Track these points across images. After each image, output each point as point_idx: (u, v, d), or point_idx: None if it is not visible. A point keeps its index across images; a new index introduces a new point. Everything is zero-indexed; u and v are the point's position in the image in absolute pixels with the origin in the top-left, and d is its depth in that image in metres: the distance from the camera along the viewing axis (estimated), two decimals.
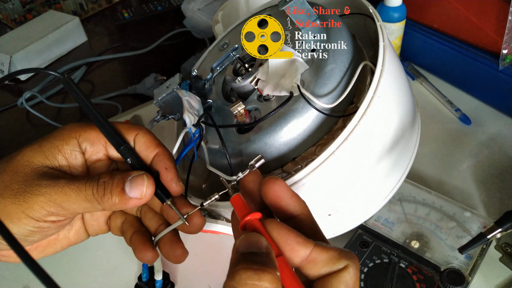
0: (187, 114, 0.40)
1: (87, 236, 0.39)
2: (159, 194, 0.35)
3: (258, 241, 0.26)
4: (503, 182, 0.55)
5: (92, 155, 0.36)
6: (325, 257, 0.27)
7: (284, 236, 0.27)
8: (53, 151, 0.34)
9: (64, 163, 0.35)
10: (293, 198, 0.30)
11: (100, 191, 0.33)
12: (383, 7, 0.64)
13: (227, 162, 0.38)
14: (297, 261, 0.27)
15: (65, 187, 0.32)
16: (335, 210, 0.40)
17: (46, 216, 0.32)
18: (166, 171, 0.35)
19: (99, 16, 1.10)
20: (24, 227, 0.32)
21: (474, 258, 0.45)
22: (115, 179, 0.33)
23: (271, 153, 0.39)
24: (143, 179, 0.33)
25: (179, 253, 0.36)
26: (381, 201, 0.43)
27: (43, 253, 0.37)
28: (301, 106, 0.38)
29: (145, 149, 0.36)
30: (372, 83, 0.36)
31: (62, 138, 0.35)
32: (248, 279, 0.24)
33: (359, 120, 0.35)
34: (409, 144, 0.44)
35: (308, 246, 0.27)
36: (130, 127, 0.36)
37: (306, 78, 0.39)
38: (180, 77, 0.43)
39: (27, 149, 0.34)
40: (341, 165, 0.36)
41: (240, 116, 0.39)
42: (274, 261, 0.26)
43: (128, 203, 0.33)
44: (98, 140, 0.36)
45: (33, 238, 0.34)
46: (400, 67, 0.43)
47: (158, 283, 0.47)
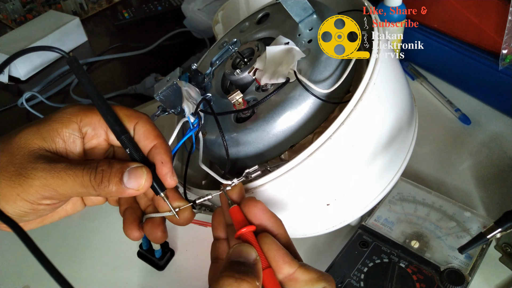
0: (186, 103, 0.40)
1: (84, 206, 0.40)
2: (154, 186, 0.36)
3: (248, 252, 0.30)
4: (503, 182, 0.55)
5: (93, 139, 0.36)
6: (306, 277, 0.30)
7: (273, 253, 0.30)
8: (51, 134, 0.34)
9: (61, 146, 0.35)
10: (271, 219, 0.33)
11: (98, 178, 0.33)
12: (383, 7, 0.64)
13: (225, 153, 0.39)
14: (280, 277, 0.30)
15: (62, 172, 0.32)
16: (333, 200, 0.40)
17: (40, 199, 0.33)
18: (162, 165, 0.36)
19: (99, 16, 1.10)
20: (19, 209, 0.33)
21: (474, 258, 0.45)
22: (114, 168, 0.34)
23: (269, 141, 0.39)
24: (142, 172, 0.34)
25: (160, 235, 0.38)
26: (380, 192, 0.43)
27: (42, 223, 0.38)
28: (298, 93, 0.38)
29: (143, 139, 0.36)
30: (367, 69, 0.37)
31: (62, 121, 0.35)
32: (229, 285, 0.28)
33: (355, 105, 0.36)
34: (407, 136, 0.44)
35: (293, 266, 0.30)
36: (131, 114, 0.36)
37: (303, 66, 0.40)
38: (180, 71, 0.44)
39: (24, 131, 0.34)
40: (338, 151, 0.36)
41: (238, 105, 0.40)
42: (258, 272, 0.29)
43: (124, 193, 0.34)
44: (100, 125, 0.36)
45: (28, 218, 0.34)
46: (395, 58, 0.44)
47: (157, 252, 0.50)
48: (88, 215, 0.58)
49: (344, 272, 0.45)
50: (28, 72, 0.89)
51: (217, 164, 0.47)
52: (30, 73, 0.90)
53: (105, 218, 0.56)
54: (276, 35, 0.43)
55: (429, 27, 0.69)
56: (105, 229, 0.56)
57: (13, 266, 0.54)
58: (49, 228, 0.57)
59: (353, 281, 0.44)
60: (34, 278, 0.52)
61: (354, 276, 0.45)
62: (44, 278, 0.52)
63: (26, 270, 0.53)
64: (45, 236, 0.56)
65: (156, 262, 0.51)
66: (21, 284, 0.52)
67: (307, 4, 0.43)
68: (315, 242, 0.51)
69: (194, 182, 0.49)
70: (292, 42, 0.40)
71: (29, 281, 0.52)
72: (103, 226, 0.56)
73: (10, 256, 0.55)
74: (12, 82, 0.89)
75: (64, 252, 0.55)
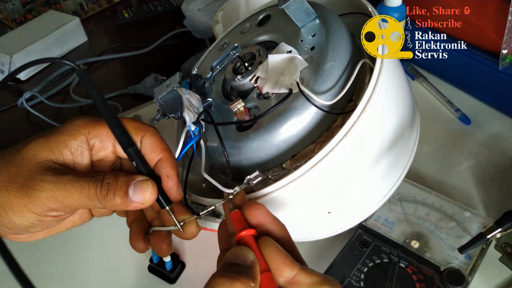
0: (187, 112, 0.40)
1: (91, 218, 0.40)
2: (159, 200, 0.35)
3: (245, 254, 0.29)
4: (503, 182, 0.55)
5: (100, 151, 0.36)
6: (308, 280, 0.29)
7: (273, 255, 0.29)
8: (59, 146, 0.34)
9: (69, 158, 0.35)
10: (273, 222, 0.32)
11: (104, 191, 0.33)
12: (383, 7, 0.64)
13: (225, 161, 0.39)
14: (281, 281, 0.29)
15: (68, 184, 0.32)
16: (334, 208, 0.40)
17: (47, 211, 0.33)
18: (167, 179, 0.36)
19: (99, 16, 1.10)
20: (25, 220, 0.33)
21: (474, 258, 0.45)
22: (119, 181, 0.34)
23: (271, 150, 0.39)
24: (148, 185, 0.34)
25: (165, 248, 0.38)
26: (381, 199, 0.43)
27: (49, 234, 0.38)
28: (300, 103, 0.38)
29: (150, 152, 0.36)
30: (371, 80, 0.36)
31: (70, 133, 0.35)
32: (221, 285, 0.27)
33: (358, 117, 0.35)
34: (409, 142, 0.44)
35: (294, 268, 0.29)
36: (138, 126, 0.36)
37: (306, 75, 0.39)
38: (180, 76, 0.44)
39: (33, 142, 0.34)
40: (340, 162, 0.36)
41: (239, 114, 0.40)
42: (255, 274, 0.28)
43: (130, 206, 0.34)
44: (107, 138, 0.36)
45: (35, 229, 0.35)
46: (399, 65, 0.43)
47: (168, 264, 0.49)
48: (97, 227, 0.57)
49: (344, 272, 0.45)
50: (28, 72, 0.89)
51: (219, 170, 0.47)
52: (30, 73, 0.90)
53: (115, 230, 0.55)
54: (277, 38, 0.42)
55: (429, 27, 0.69)
56: (114, 242, 0.55)
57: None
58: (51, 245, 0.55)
59: (353, 281, 0.44)
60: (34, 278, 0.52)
61: (354, 276, 0.45)
62: (44, 278, 0.52)
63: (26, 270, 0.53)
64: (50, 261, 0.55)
65: (167, 275, 0.50)
66: None
67: (309, 9, 0.42)
68: (315, 242, 0.51)
69: (194, 185, 0.49)
70: (295, 50, 0.40)
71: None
72: (113, 239, 0.55)
73: None
74: (12, 82, 0.89)
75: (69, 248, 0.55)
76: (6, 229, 0.33)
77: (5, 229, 0.33)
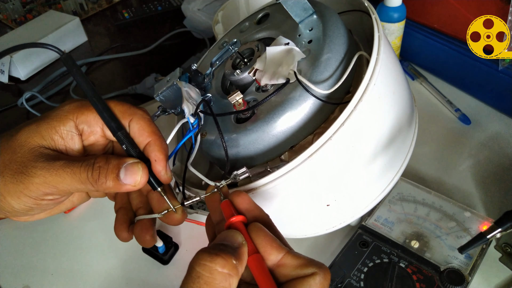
0: (186, 104, 0.40)
1: (89, 198, 0.41)
2: (150, 182, 0.36)
3: (233, 236, 0.30)
4: (502, 182, 0.55)
5: (90, 136, 0.37)
6: (295, 263, 0.30)
7: (261, 238, 0.30)
8: (49, 132, 0.35)
9: (60, 143, 0.35)
10: (258, 209, 0.33)
11: (95, 175, 0.33)
12: (383, 7, 0.64)
13: (224, 153, 0.39)
14: (269, 264, 0.30)
15: (60, 170, 0.33)
16: (333, 200, 0.40)
17: (43, 195, 0.34)
18: (156, 163, 0.36)
19: (99, 16, 1.10)
20: (24, 204, 0.34)
21: (474, 258, 0.45)
22: (110, 164, 0.34)
23: (269, 141, 0.39)
24: (138, 168, 0.35)
25: (148, 240, 0.38)
26: (380, 193, 0.43)
27: (50, 214, 0.39)
28: (298, 94, 0.38)
29: (138, 136, 0.36)
30: (368, 70, 0.37)
31: (59, 119, 0.35)
32: (202, 259, 0.27)
33: (355, 106, 0.36)
34: (407, 137, 0.44)
35: (281, 251, 0.30)
36: (125, 110, 0.36)
37: (303, 67, 0.40)
38: (180, 71, 0.44)
39: (25, 128, 0.35)
40: (338, 151, 0.36)
41: (238, 106, 0.40)
42: (239, 254, 0.29)
43: (122, 189, 0.34)
44: (95, 122, 0.36)
45: (33, 212, 0.36)
46: (395, 58, 0.44)
47: (160, 248, 0.51)
48: (92, 212, 0.59)
49: (344, 272, 0.45)
50: (28, 72, 0.89)
51: (217, 164, 0.47)
52: (30, 73, 0.90)
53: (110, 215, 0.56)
54: (276, 35, 0.42)
55: (429, 27, 0.69)
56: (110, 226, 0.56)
57: (13, 266, 0.54)
58: (53, 223, 0.57)
59: (353, 281, 0.44)
60: (34, 278, 0.52)
61: (354, 276, 0.45)
62: (44, 278, 0.52)
63: (26, 270, 0.53)
64: (49, 232, 0.57)
65: (161, 257, 0.52)
66: (21, 284, 0.52)
67: (307, 5, 0.43)
68: (315, 242, 0.51)
69: (194, 181, 0.49)
70: (292, 43, 0.40)
71: (29, 281, 0.52)
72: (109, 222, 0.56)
73: (10, 256, 0.55)
74: (12, 82, 0.89)
75: (69, 248, 0.55)
76: (7, 213, 0.35)
77: (6, 212, 0.35)
